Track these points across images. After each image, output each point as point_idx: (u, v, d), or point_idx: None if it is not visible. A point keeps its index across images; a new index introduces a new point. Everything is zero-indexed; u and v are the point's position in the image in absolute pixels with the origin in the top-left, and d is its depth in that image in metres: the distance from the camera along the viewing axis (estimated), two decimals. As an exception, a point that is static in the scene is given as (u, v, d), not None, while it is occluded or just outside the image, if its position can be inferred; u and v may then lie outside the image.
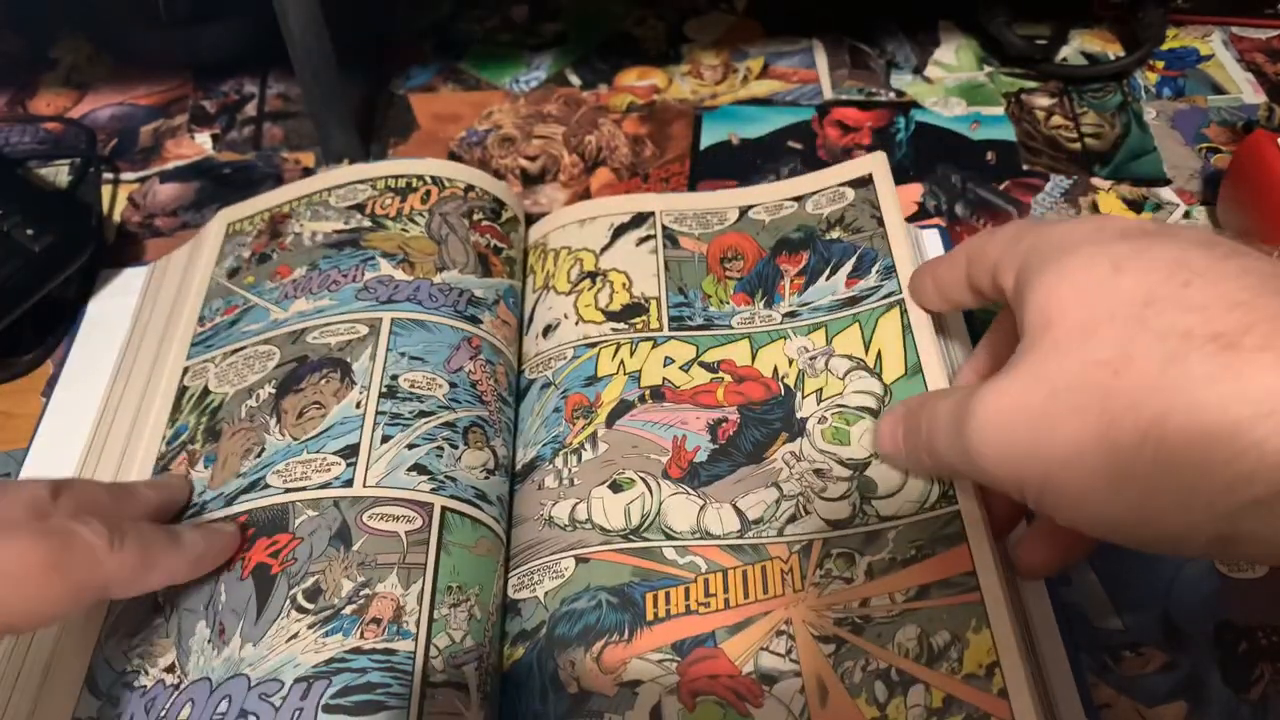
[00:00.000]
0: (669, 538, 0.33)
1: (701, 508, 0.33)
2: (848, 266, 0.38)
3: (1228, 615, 0.33)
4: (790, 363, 0.36)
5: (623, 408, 0.36)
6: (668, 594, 0.31)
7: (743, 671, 0.29)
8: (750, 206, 0.42)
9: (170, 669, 0.30)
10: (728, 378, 0.36)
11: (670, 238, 0.41)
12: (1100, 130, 0.50)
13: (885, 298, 0.36)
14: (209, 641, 0.30)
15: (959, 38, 0.55)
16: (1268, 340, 0.20)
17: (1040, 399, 0.23)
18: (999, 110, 0.51)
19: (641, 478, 0.34)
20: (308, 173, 0.50)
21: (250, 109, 0.53)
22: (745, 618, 0.30)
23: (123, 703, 0.30)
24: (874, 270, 0.38)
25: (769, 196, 0.42)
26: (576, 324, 0.39)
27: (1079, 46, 0.54)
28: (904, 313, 0.36)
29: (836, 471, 0.33)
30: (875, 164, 0.41)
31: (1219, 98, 0.51)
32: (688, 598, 0.31)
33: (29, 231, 0.41)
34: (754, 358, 0.37)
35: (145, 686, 0.30)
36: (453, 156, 0.51)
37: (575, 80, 0.54)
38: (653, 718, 0.29)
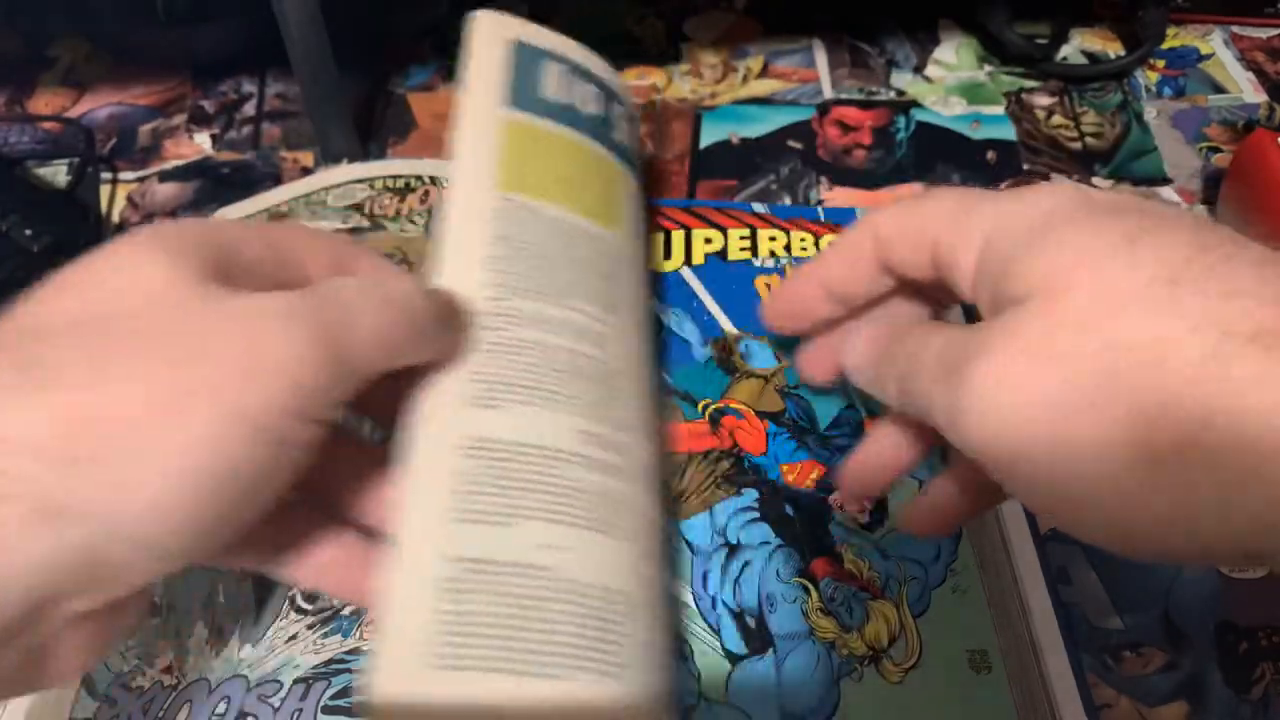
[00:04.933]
0: None
1: None
2: None
3: (1228, 615, 0.33)
4: None
5: None
6: None
7: None
8: None
9: (168, 670, 0.30)
10: None
11: None
12: (1101, 129, 0.50)
13: None
14: (207, 642, 0.30)
15: (959, 37, 0.55)
16: None
17: (1055, 384, 0.20)
18: (999, 109, 0.51)
19: None
20: (306, 172, 0.49)
21: (249, 108, 0.53)
22: None
23: (120, 703, 0.29)
24: None
25: None
26: None
27: (1079, 45, 0.54)
28: None
29: None
30: None
31: (1219, 97, 0.51)
32: None
33: (27, 231, 0.41)
34: None
35: (143, 687, 0.29)
36: (452, 156, 0.50)
37: (574, 79, 0.54)
38: None
